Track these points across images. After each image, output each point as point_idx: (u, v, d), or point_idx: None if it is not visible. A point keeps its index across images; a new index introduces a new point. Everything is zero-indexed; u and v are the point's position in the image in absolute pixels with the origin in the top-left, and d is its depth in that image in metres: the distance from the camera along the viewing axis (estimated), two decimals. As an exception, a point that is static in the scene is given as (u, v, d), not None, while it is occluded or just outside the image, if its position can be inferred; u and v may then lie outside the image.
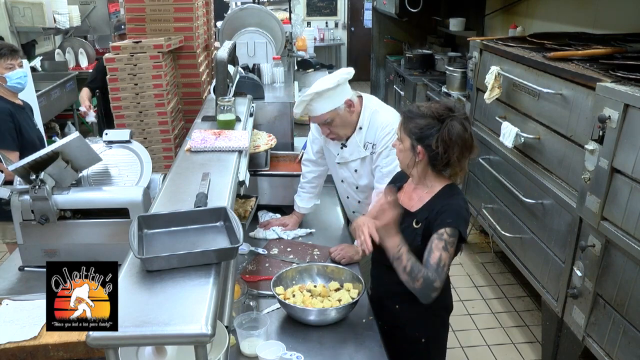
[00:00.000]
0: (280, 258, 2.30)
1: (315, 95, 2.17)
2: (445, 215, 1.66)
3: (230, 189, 1.68)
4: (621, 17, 3.26)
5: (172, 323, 1.06)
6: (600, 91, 2.21)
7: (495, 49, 3.35)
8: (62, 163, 1.89)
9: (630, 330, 2.09)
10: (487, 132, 3.53)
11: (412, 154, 1.70)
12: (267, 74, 3.46)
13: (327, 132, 2.29)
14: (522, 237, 3.06)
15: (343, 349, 1.75)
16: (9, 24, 5.14)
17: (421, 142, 1.67)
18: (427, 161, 1.71)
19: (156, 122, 2.86)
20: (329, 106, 2.19)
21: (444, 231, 1.65)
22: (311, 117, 2.28)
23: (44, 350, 1.44)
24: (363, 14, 10.29)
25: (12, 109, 2.81)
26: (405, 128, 1.70)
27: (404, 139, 1.71)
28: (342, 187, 2.53)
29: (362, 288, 1.90)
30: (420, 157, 1.69)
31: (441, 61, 5.75)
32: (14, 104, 2.88)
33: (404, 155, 1.73)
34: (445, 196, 1.73)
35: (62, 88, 5.52)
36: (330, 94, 2.18)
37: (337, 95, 2.20)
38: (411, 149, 1.70)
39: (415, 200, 1.79)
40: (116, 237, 1.90)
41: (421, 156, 1.69)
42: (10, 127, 2.77)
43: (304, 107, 2.22)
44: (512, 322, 3.42)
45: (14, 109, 2.84)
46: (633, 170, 2.03)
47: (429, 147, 1.66)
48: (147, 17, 2.99)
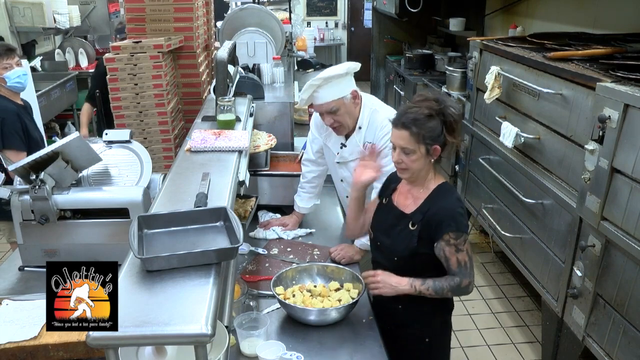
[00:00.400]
0: (280, 258, 2.30)
1: (324, 81, 2.16)
2: (444, 222, 1.71)
3: (230, 189, 1.68)
4: (621, 17, 3.26)
5: (172, 323, 1.06)
6: (600, 91, 2.21)
7: (495, 49, 3.35)
8: (62, 163, 1.89)
9: (630, 330, 2.09)
10: (487, 132, 3.53)
11: (427, 157, 1.72)
12: (267, 74, 3.46)
13: (331, 122, 2.26)
14: (522, 237, 3.06)
15: (343, 349, 1.75)
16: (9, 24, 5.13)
17: (436, 142, 1.70)
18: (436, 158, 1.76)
19: (156, 122, 2.86)
20: (336, 94, 2.19)
21: (448, 237, 1.70)
22: (316, 105, 2.26)
23: (44, 350, 1.44)
24: (363, 14, 10.29)
25: (17, 109, 2.81)
26: (417, 138, 1.68)
27: (419, 148, 1.70)
28: (341, 186, 2.53)
29: (362, 288, 1.90)
30: (436, 155, 1.73)
31: (441, 61, 5.74)
32: (17, 104, 2.88)
33: (419, 163, 1.72)
34: (439, 197, 1.76)
35: (62, 88, 5.52)
36: (339, 81, 2.18)
37: (345, 85, 2.21)
38: (426, 153, 1.71)
39: (410, 201, 1.81)
40: (116, 237, 1.90)
41: (437, 153, 1.73)
42: (18, 127, 2.77)
43: (311, 93, 2.20)
44: (512, 322, 3.42)
45: (18, 108, 2.84)
46: (633, 170, 2.03)
47: (443, 142, 1.71)
48: (147, 17, 2.99)
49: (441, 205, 1.73)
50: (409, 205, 1.80)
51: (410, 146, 1.69)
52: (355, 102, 2.26)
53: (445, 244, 1.71)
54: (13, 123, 2.73)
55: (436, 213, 1.72)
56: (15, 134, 2.74)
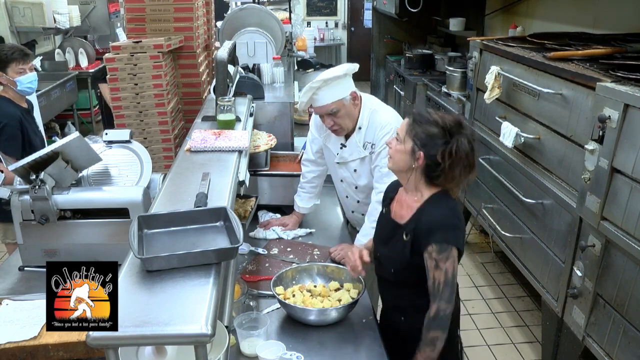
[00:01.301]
0: (280, 258, 2.30)
1: (323, 83, 2.16)
2: (430, 231, 1.61)
3: (230, 189, 1.68)
4: (621, 17, 3.26)
5: (172, 323, 1.06)
6: (600, 91, 2.21)
7: (495, 49, 3.35)
8: (62, 163, 1.89)
9: (630, 330, 2.09)
10: (487, 132, 3.53)
11: (410, 157, 1.64)
12: (267, 74, 3.46)
13: (331, 124, 2.25)
14: (522, 237, 3.06)
15: (343, 349, 1.75)
16: (9, 24, 5.14)
17: (424, 149, 1.60)
18: (422, 169, 1.65)
19: (156, 122, 2.86)
20: (335, 95, 2.18)
21: (431, 249, 1.59)
22: (316, 107, 2.25)
23: (44, 350, 1.44)
24: (363, 14, 10.28)
25: (21, 115, 2.80)
26: (411, 130, 1.63)
27: (406, 141, 1.64)
28: (341, 186, 2.53)
29: (362, 288, 1.90)
30: (418, 163, 1.63)
31: (441, 61, 5.74)
32: (22, 107, 2.87)
33: (401, 156, 1.66)
34: (432, 206, 1.66)
35: (62, 88, 5.52)
36: (338, 82, 2.18)
37: (344, 86, 2.20)
38: (411, 152, 1.63)
39: (405, 210, 1.73)
40: (116, 237, 1.90)
41: (420, 162, 1.62)
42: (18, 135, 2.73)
43: (311, 95, 2.20)
44: (512, 322, 3.42)
45: (22, 113, 2.82)
46: (633, 170, 2.03)
47: (432, 156, 1.60)
48: (147, 17, 2.99)
49: (432, 214, 1.64)
50: (404, 215, 1.72)
51: (401, 133, 1.67)
52: (355, 103, 2.25)
53: (428, 256, 1.59)
54: (13, 129, 2.71)
55: (425, 222, 1.63)
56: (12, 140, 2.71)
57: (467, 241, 4.34)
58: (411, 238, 1.66)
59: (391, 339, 1.83)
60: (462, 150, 1.58)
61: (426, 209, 1.66)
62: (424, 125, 1.62)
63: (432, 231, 1.60)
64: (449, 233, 1.61)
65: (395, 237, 1.72)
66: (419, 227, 1.64)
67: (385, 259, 1.79)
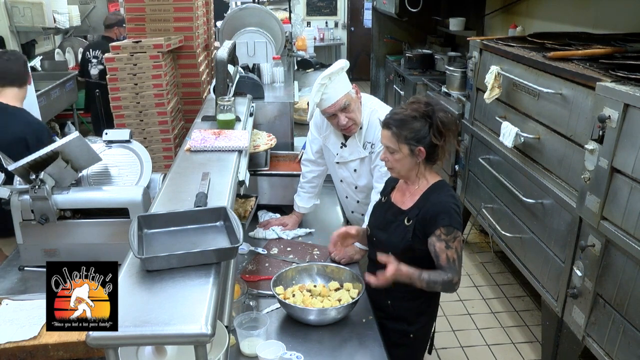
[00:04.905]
0: (280, 258, 2.30)
1: (330, 77, 2.17)
2: (437, 216, 1.76)
3: (230, 189, 1.68)
4: (621, 17, 3.26)
5: (172, 323, 1.06)
6: (600, 91, 2.21)
7: (495, 49, 3.35)
8: (62, 163, 1.89)
9: (630, 330, 2.09)
10: (487, 132, 3.53)
11: (412, 158, 1.78)
12: (267, 73, 3.46)
13: (346, 120, 2.23)
14: (522, 237, 3.06)
15: (343, 349, 1.76)
16: (9, 24, 5.12)
17: (421, 143, 1.75)
18: (424, 159, 1.80)
19: (156, 122, 2.86)
20: (343, 89, 2.20)
21: (440, 232, 1.75)
22: (328, 107, 2.21)
23: (44, 350, 1.44)
24: (363, 14, 10.27)
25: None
26: (398, 138, 1.76)
27: (401, 148, 1.77)
28: (341, 186, 2.53)
29: (362, 288, 1.90)
30: (421, 156, 1.78)
31: (441, 61, 5.74)
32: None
33: (403, 162, 1.80)
34: (435, 193, 1.82)
35: (62, 88, 5.51)
36: (341, 76, 2.21)
37: (345, 79, 2.23)
38: (410, 153, 1.77)
39: (407, 197, 1.87)
40: (116, 237, 1.90)
41: (422, 155, 1.77)
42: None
43: (320, 95, 2.18)
44: (512, 321, 3.42)
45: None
46: (633, 170, 2.03)
47: (428, 143, 1.76)
48: (147, 17, 2.98)
49: (436, 199, 1.80)
50: (406, 202, 1.87)
51: (391, 145, 1.78)
52: (358, 96, 2.28)
53: (437, 239, 1.76)
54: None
55: (431, 207, 1.78)
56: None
57: (467, 241, 4.34)
58: (414, 223, 1.80)
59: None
60: (445, 121, 1.75)
61: (429, 197, 1.82)
62: (406, 126, 1.75)
63: (441, 215, 1.76)
64: (454, 217, 1.77)
65: (396, 222, 1.86)
66: (424, 213, 1.79)
67: (383, 242, 1.89)
